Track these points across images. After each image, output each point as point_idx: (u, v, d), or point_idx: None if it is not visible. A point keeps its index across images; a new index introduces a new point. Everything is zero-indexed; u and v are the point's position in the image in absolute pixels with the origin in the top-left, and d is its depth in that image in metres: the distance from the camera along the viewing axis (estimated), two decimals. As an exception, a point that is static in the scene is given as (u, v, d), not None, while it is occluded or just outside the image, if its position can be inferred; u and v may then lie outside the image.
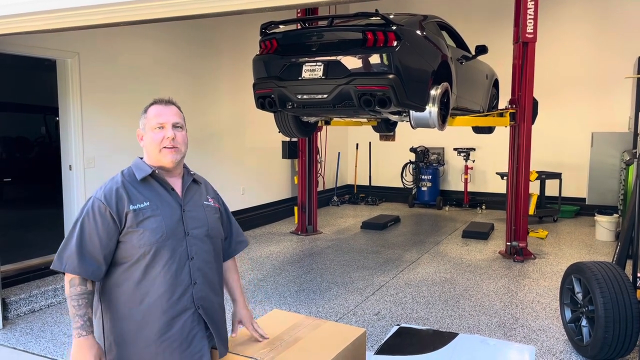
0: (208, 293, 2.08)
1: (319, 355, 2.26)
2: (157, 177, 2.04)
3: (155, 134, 2.01)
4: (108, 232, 1.91)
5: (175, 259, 1.97)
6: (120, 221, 1.93)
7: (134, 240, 1.93)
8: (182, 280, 1.99)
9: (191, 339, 2.00)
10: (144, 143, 2.06)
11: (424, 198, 10.46)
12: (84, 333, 1.87)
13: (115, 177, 2.02)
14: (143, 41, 6.38)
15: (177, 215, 2.02)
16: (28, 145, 9.60)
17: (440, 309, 4.79)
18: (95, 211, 1.92)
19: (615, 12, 9.09)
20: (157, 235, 1.94)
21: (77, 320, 1.87)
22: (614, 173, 8.65)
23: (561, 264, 6.19)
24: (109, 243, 1.92)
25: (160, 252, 1.95)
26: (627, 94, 8.94)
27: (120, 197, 1.94)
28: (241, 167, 8.30)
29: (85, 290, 1.89)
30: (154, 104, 2.07)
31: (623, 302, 3.39)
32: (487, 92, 6.97)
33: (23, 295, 4.79)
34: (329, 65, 4.47)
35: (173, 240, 1.98)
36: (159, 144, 2.00)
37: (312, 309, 4.79)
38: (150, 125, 2.02)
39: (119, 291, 1.96)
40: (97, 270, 1.92)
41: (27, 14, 3.44)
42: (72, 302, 1.88)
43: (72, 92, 5.52)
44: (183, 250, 2.00)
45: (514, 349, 2.75)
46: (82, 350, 1.87)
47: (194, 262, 2.03)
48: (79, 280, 1.89)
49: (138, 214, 1.94)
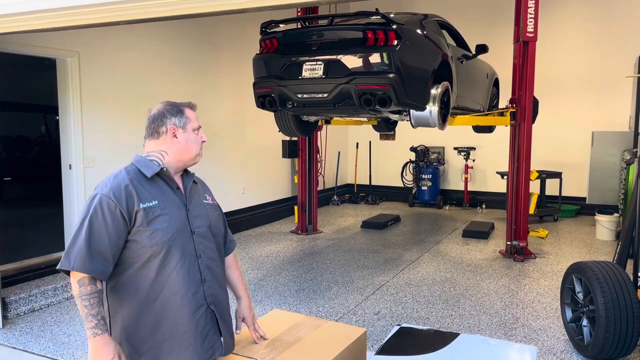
0: (217, 289, 2.11)
1: (320, 355, 2.25)
2: (165, 175, 2.04)
3: (197, 136, 2.10)
4: (117, 230, 1.89)
5: (186, 257, 1.99)
6: (130, 219, 1.91)
7: (144, 240, 1.92)
8: (194, 277, 2.01)
9: (205, 335, 2.03)
10: (178, 140, 2.06)
11: (424, 197, 10.45)
12: (99, 332, 1.85)
13: (120, 174, 1.98)
14: (143, 40, 6.37)
15: (184, 214, 2.03)
16: (28, 145, 9.60)
17: (440, 309, 4.79)
18: (104, 208, 1.88)
19: (616, 11, 9.08)
20: (168, 234, 1.95)
21: (90, 320, 1.84)
22: (615, 172, 8.64)
23: (561, 264, 6.18)
24: (117, 241, 1.90)
25: (172, 251, 1.95)
26: (627, 93, 8.93)
27: (129, 194, 1.92)
28: (241, 167, 8.29)
29: (96, 289, 1.87)
30: (189, 106, 2.13)
31: (624, 302, 3.38)
32: (488, 91, 6.96)
33: (23, 294, 4.79)
34: (329, 64, 4.47)
35: (182, 238, 1.99)
36: (200, 145, 2.11)
37: (312, 309, 4.79)
38: (193, 126, 2.09)
39: (133, 290, 1.95)
40: (106, 269, 1.90)
41: (27, 12, 3.43)
42: (83, 302, 1.84)
43: (72, 91, 5.51)
44: (192, 248, 2.02)
45: (515, 349, 2.74)
46: (100, 349, 1.84)
47: (202, 260, 2.06)
48: (88, 280, 1.86)
49: (148, 212, 1.93)
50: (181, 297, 1.97)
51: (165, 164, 2.04)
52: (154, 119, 2.05)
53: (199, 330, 2.00)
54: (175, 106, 2.09)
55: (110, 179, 1.97)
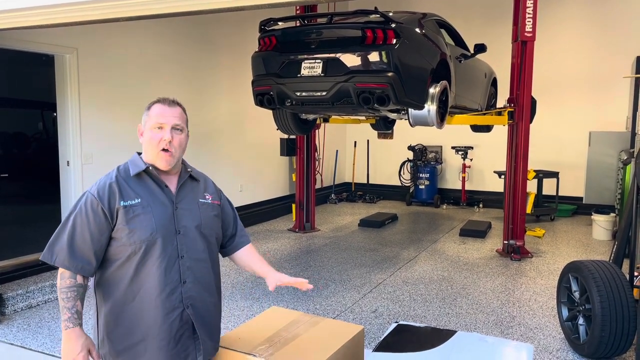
0: (200, 292, 2.05)
1: (318, 352, 2.26)
2: (151, 174, 2.02)
3: (154, 134, 1.98)
4: (100, 228, 1.92)
5: (165, 257, 1.96)
6: (112, 217, 1.93)
7: (124, 238, 1.93)
8: (171, 278, 1.97)
9: (178, 339, 1.99)
10: (142, 139, 2.04)
11: (421, 196, 10.47)
12: (71, 325, 1.89)
13: (111, 173, 2.02)
14: (142, 37, 6.36)
15: (169, 213, 2.00)
16: (25, 141, 9.55)
17: (437, 307, 4.80)
18: (87, 206, 1.93)
19: (614, 11, 9.11)
20: (147, 233, 1.93)
21: (65, 313, 1.89)
22: (612, 172, 8.67)
23: (558, 263, 6.20)
24: (100, 239, 1.93)
25: (151, 250, 1.94)
26: (625, 93, 8.96)
27: (112, 192, 1.94)
28: (239, 164, 8.29)
29: (75, 284, 1.91)
30: (158, 102, 2.03)
31: (620, 301, 3.40)
32: (486, 90, 6.97)
33: (20, 291, 4.79)
34: (328, 62, 4.47)
35: (163, 238, 1.96)
36: (156, 145, 1.98)
37: (310, 306, 4.80)
38: (151, 123, 1.99)
39: (113, 288, 1.97)
40: (87, 266, 1.93)
41: (26, 8, 3.42)
42: (61, 295, 1.91)
43: (70, 88, 5.50)
44: (173, 248, 1.99)
45: (512, 346, 2.76)
46: (71, 342, 1.89)
47: (184, 261, 2.01)
48: (68, 274, 1.91)
49: (128, 210, 1.93)
50: (155, 298, 1.95)
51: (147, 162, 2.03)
52: None
53: (172, 333, 1.97)
54: (149, 103, 2.05)
55: (103, 177, 2.01)
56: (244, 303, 4.91)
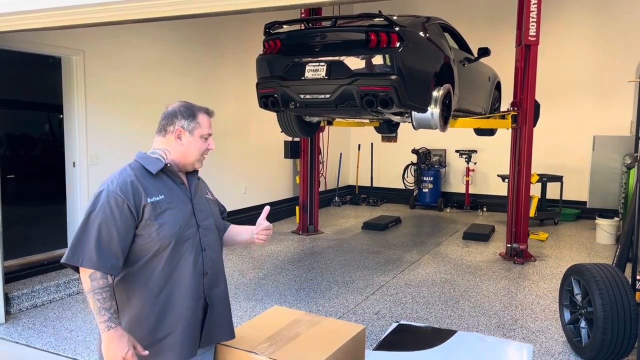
0: (216, 282, 2.15)
1: (319, 350, 2.28)
2: (169, 171, 2.07)
3: (202, 143, 2.09)
4: (126, 225, 1.92)
5: (193, 250, 2.04)
6: (138, 214, 1.94)
7: (152, 233, 1.95)
8: (199, 270, 2.06)
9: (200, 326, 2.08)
10: (182, 143, 2.07)
11: (425, 199, 10.48)
12: (112, 325, 1.87)
13: (125, 171, 2.01)
14: (148, 40, 6.42)
15: (189, 208, 2.08)
16: (32, 142, 9.62)
17: (439, 309, 4.81)
18: (112, 204, 1.91)
19: (618, 16, 9.11)
20: (176, 227, 1.99)
21: (103, 314, 1.86)
22: (615, 176, 8.65)
23: (561, 267, 6.19)
24: (126, 236, 1.93)
25: (179, 244, 2.00)
26: (629, 97, 8.95)
27: (136, 189, 1.95)
28: (243, 166, 8.33)
29: (107, 284, 1.89)
30: (206, 113, 2.12)
31: (622, 304, 3.40)
32: (489, 94, 6.99)
33: (25, 290, 4.83)
34: (332, 65, 4.50)
35: (190, 232, 2.04)
36: (202, 152, 2.11)
37: (313, 308, 4.82)
38: (202, 133, 2.08)
39: (140, 284, 1.98)
40: (116, 264, 1.92)
41: (33, 11, 3.47)
42: (95, 297, 1.86)
43: (76, 90, 5.56)
44: (197, 241, 2.07)
45: (511, 346, 2.77)
46: (115, 341, 1.86)
47: (207, 253, 2.10)
48: (99, 274, 1.88)
49: (155, 206, 1.96)
50: (186, 290, 2.01)
51: (168, 160, 2.08)
52: (165, 117, 2.08)
53: (197, 321, 2.06)
54: (190, 109, 2.09)
55: (116, 175, 2.00)
56: (247, 304, 4.93)
